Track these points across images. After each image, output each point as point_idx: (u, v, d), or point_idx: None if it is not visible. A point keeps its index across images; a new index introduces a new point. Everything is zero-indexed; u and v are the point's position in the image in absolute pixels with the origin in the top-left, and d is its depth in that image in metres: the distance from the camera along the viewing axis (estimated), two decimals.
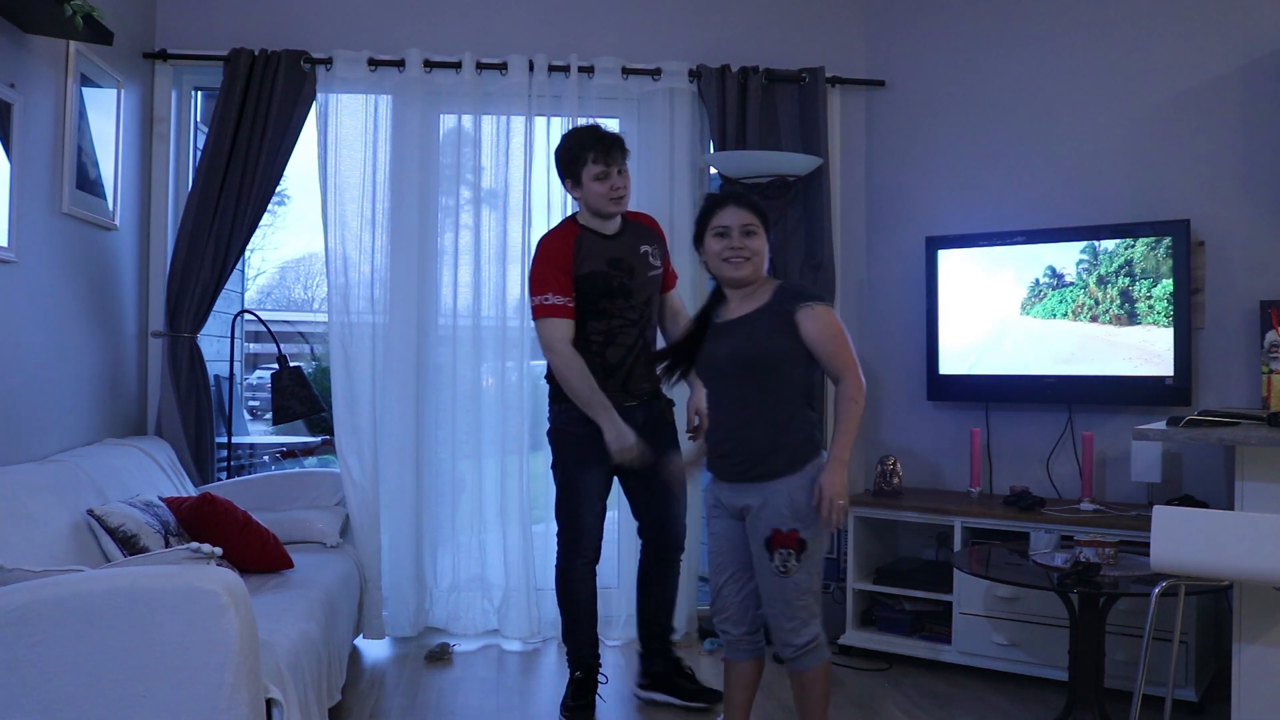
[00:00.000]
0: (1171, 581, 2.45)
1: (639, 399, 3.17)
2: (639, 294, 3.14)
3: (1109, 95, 3.90)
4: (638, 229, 3.22)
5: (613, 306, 3.11)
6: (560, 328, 3.07)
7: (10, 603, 2.02)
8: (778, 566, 2.52)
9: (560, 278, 3.07)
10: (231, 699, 2.04)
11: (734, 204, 2.61)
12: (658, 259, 3.21)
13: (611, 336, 3.12)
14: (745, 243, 2.57)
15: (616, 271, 3.11)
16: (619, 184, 3.10)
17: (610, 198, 3.08)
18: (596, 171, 3.07)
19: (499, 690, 3.54)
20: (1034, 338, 3.92)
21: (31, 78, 3.10)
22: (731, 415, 2.58)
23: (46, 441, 3.21)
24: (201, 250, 3.95)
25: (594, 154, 3.06)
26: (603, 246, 3.12)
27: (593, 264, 3.09)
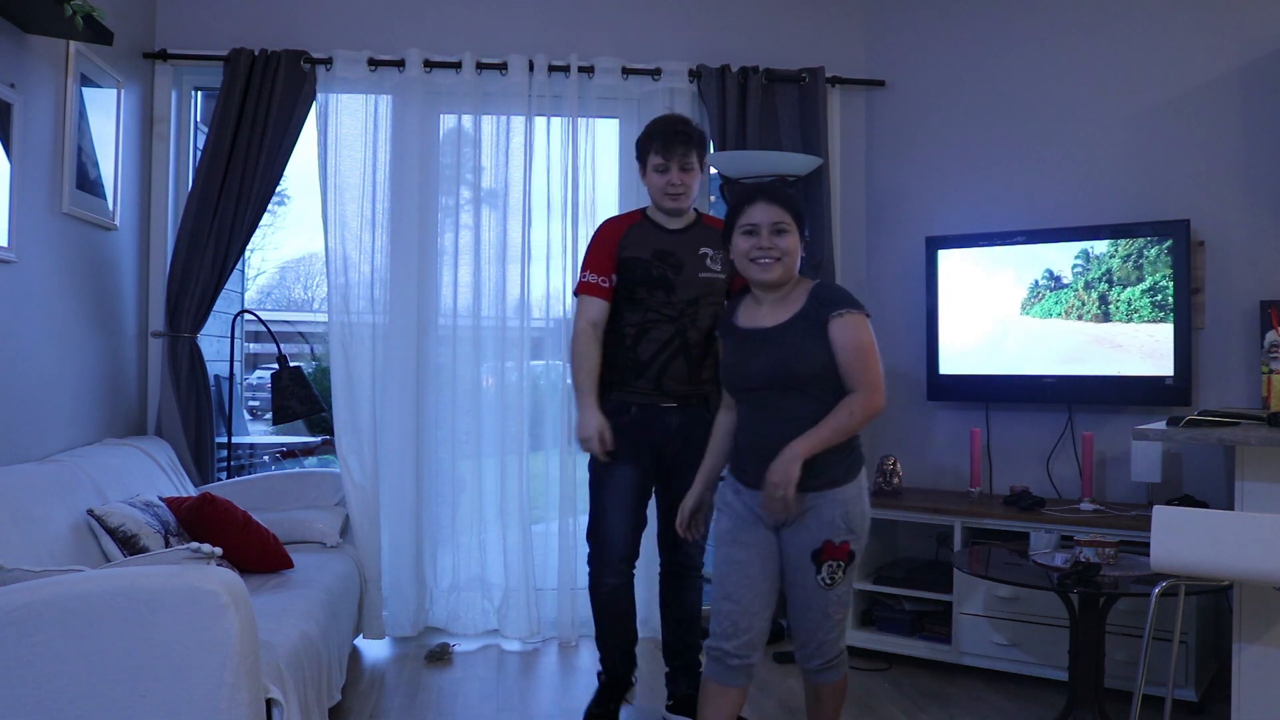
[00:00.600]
0: (1171, 581, 2.44)
1: (678, 400, 2.99)
2: (683, 291, 2.96)
3: (1109, 95, 3.91)
4: (708, 232, 3.02)
5: (650, 298, 2.96)
6: (587, 305, 2.98)
7: (10, 603, 2.02)
8: (824, 579, 2.37)
9: (601, 257, 2.99)
10: (231, 699, 2.03)
11: (764, 199, 2.42)
12: (719, 264, 2.98)
13: (645, 330, 2.97)
14: (775, 242, 2.40)
15: (659, 263, 2.96)
16: (677, 180, 2.94)
17: (666, 192, 2.96)
18: (656, 163, 2.95)
19: (499, 690, 3.54)
20: (1034, 338, 3.92)
21: (31, 78, 3.10)
22: (786, 424, 2.37)
23: (46, 441, 3.21)
24: (201, 250, 3.95)
25: (656, 144, 2.94)
26: (655, 237, 3.00)
27: (637, 250, 2.98)
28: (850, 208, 4.52)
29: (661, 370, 2.97)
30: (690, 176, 2.96)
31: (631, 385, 2.98)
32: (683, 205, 2.98)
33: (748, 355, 2.43)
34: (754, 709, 3.32)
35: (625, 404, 2.98)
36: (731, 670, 2.43)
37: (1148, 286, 3.68)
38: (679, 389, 2.98)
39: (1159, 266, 3.66)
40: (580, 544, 4.16)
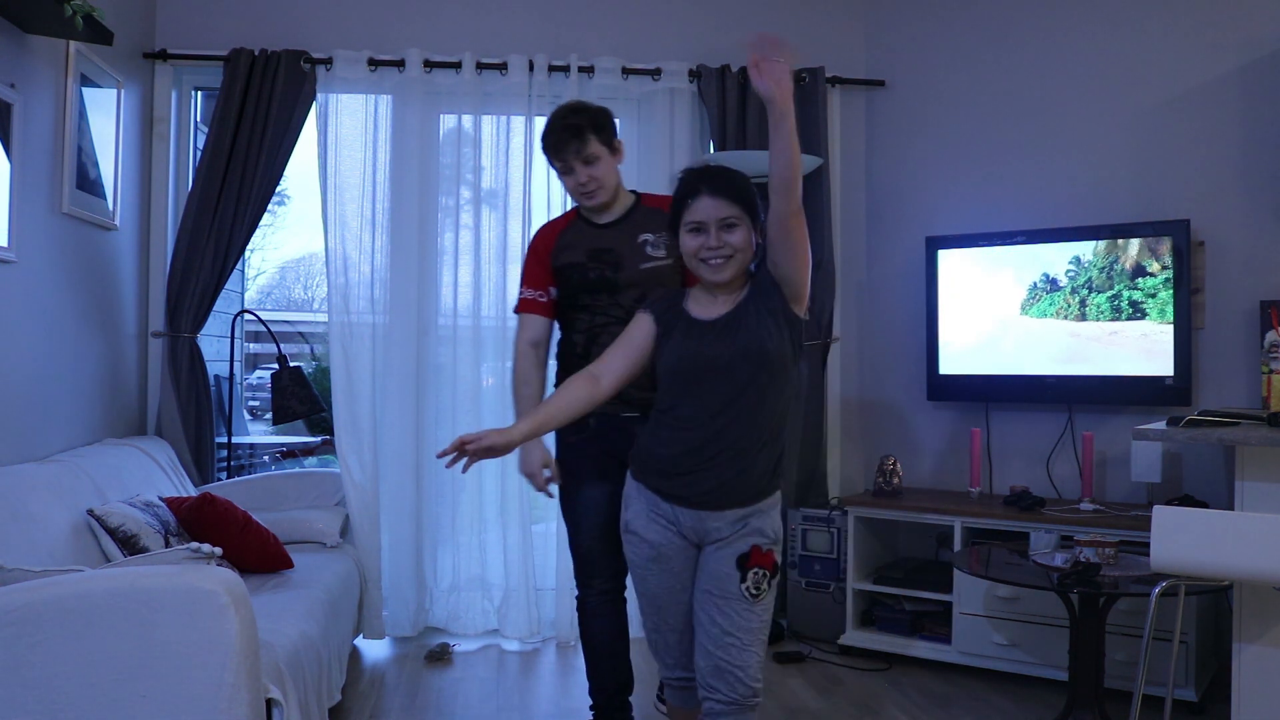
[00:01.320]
0: (1171, 581, 2.44)
1: (640, 408, 2.62)
2: (628, 289, 2.69)
3: (1109, 95, 3.91)
4: (647, 216, 2.75)
5: (595, 302, 2.72)
6: (526, 324, 2.79)
7: (10, 603, 2.02)
8: (749, 588, 2.16)
9: (535, 270, 2.79)
10: (231, 699, 2.03)
11: (709, 192, 2.18)
12: (662, 249, 2.70)
13: (594, 336, 2.72)
14: (724, 239, 2.17)
15: (596, 263, 2.71)
16: (584, 179, 2.68)
17: (580, 193, 2.72)
18: (556, 168, 2.74)
19: (499, 690, 3.54)
20: (1034, 337, 3.92)
21: (31, 78, 3.10)
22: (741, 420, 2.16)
23: (46, 441, 3.21)
24: (201, 250, 3.95)
25: (545, 148, 2.72)
26: (589, 236, 2.75)
27: (571, 254, 2.74)
28: (850, 208, 4.52)
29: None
30: (597, 168, 2.68)
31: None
32: (600, 201, 2.72)
33: (709, 341, 2.19)
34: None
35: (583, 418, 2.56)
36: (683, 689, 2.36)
37: (1147, 286, 3.68)
38: (639, 395, 2.57)
39: (1159, 267, 3.66)
40: None
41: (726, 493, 2.18)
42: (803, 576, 4.14)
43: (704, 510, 2.19)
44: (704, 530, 2.21)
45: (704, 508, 2.19)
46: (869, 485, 4.34)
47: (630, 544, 2.30)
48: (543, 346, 2.79)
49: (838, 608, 4.00)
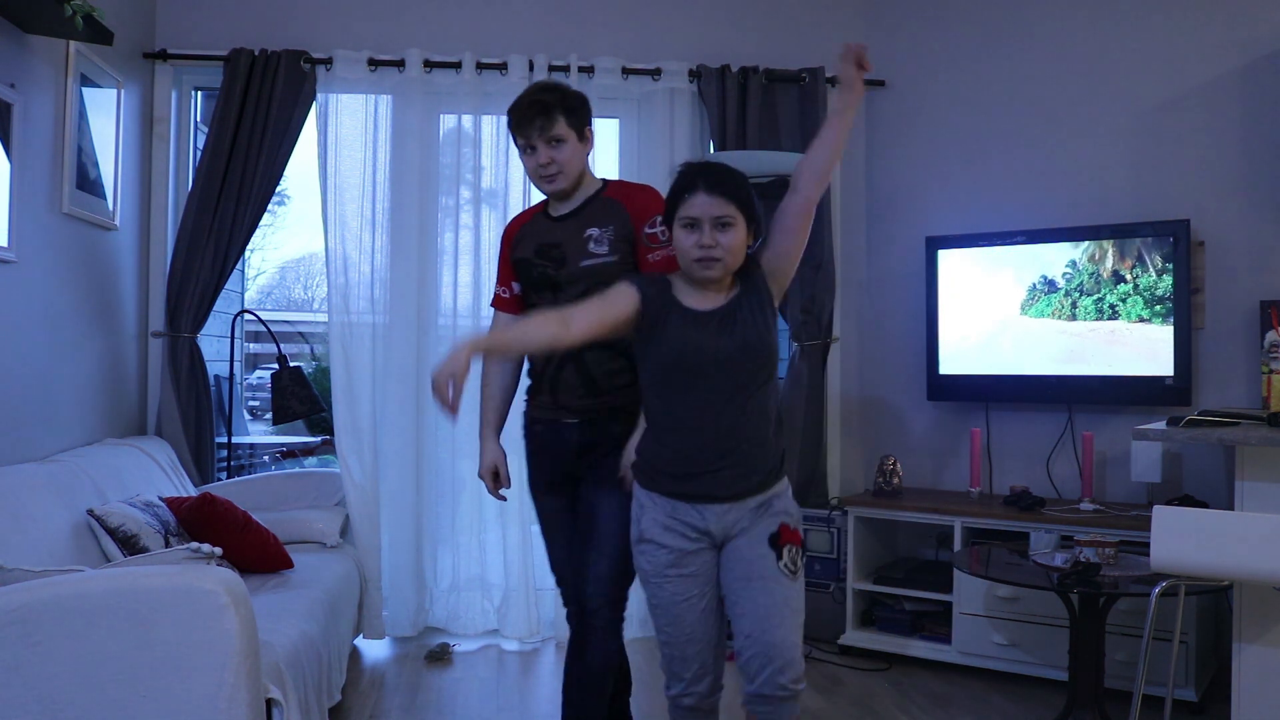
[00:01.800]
0: (1171, 581, 2.45)
1: (578, 415, 2.50)
2: (569, 287, 2.48)
3: (1109, 95, 3.91)
4: (603, 207, 2.54)
5: (540, 301, 2.55)
6: (495, 321, 2.72)
7: (10, 603, 2.02)
8: (787, 565, 2.13)
9: (501, 264, 2.69)
10: (231, 699, 2.03)
11: (705, 190, 2.14)
12: (605, 244, 2.48)
13: None
14: (718, 239, 2.14)
15: (541, 260, 2.54)
16: (545, 159, 2.48)
17: (539, 175, 2.52)
18: (520, 145, 2.55)
19: (499, 690, 3.54)
20: (1034, 337, 3.92)
21: (31, 78, 3.10)
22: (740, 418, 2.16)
23: (46, 441, 3.21)
24: (201, 250, 3.95)
25: (512, 123, 2.55)
26: (542, 230, 2.58)
27: (523, 249, 2.60)
28: (850, 208, 4.52)
29: (553, 382, 2.52)
30: (563, 151, 2.48)
31: (535, 400, 2.61)
32: (559, 187, 2.51)
33: (710, 333, 2.16)
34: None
35: (534, 423, 2.62)
36: (703, 714, 2.23)
37: (1148, 286, 3.68)
38: (576, 403, 2.49)
39: (1159, 267, 3.66)
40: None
41: (747, 483, 2.17)
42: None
43: (727, 504, 2.17)
44: (727, 524, 2.19)
45: (728, 501, 2.17)
46: (869, 485, 4.34)
47: (645, 553, 2.22)
48: None
49: (838, 608, 4.00)
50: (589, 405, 2.49)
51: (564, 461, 2.54)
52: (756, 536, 2.17)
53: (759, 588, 2.13)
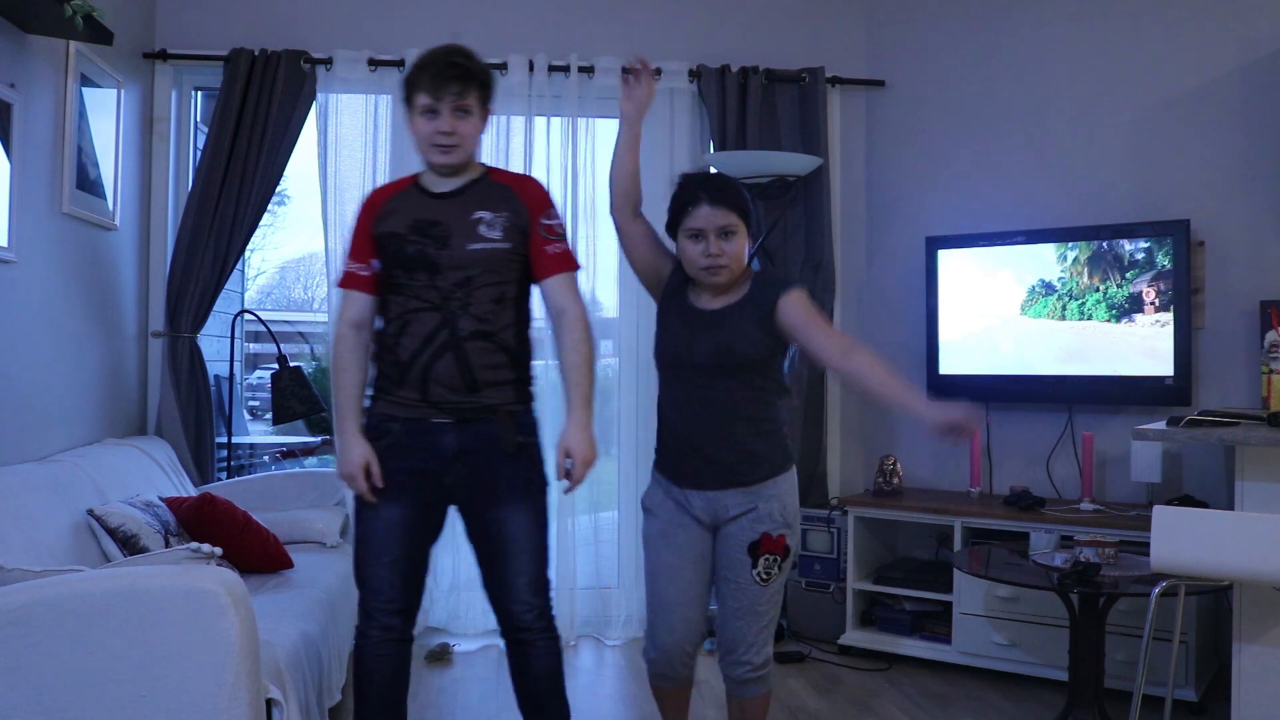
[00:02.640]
0: (1171, 581, 2.45)
1: (453, 414, 2.33)
2: (450, 270, 2.32)
3: (1109, 95, 3.90)
4: (490, 191, 2.40)
5: (411, 282, 2.33)
6: (347, 301, 2.41)
7: (10, 603, 2.02)
8: (759, 574, 2.31)
9: (357, 238, 2.41)
10: (231, 699, 2.03)
11: (709, 202, 2.29)
12: (498, 230, 2.34)
13: (405, 323, 2.33)
14: (723, 247, 2.29)
15: (419, 237, 2.33)
16: (448, 127, 2.30)
17: (434, 143, 2.32)
18: (424, 104, 2.31)
19: (499, 690, 3.54)
20: (1034, 338, 3.92)
21: (31, 78, 3.10)
22: (712, 415, 2.32)
23: (46, 441, 3.21)
24: (201, 250, 3.95)
25: (425, 79, 2.30)
26: (418, 205, 2.38)
27: (393, 222, 2.36)
28: (850, 208, 4.52)
29: (425, 373, 2.31)
30: (467, 123, 2.33)
31: (393, 394, 2.35)
32: (454, 160, 2.35)
33: (692, 334, 2.33)
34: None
35: (387, 420, 2.36)
36: (673, 679, 2.43)
37: (1148, 286, 3.68)
38: (450, 399, 2.31)
39: (1159, 267, 3.66)
40: (579, 544, 4.18)
41: (724, 475, 2.32)
42: (803, 576, 4.14)
43: (709, 491, 2.33)
44: (715, 509, 2.35)
45: (708, 488, 2.33)
46: (869, 485, 4.34)
47: (646, 521, 2.45)
48: (366, 328, 2.40)
49: (838, 608, 4.00)
50: (464, 403, 2.32)
51: (430, 466, 2.34)
52: (739, 540, 2.33)
53: (729, 590, 2.35)
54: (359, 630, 2.43)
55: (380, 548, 2.37)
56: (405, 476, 2.35)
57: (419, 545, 2.42)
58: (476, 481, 2.36)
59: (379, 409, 2.38)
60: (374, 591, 2.39)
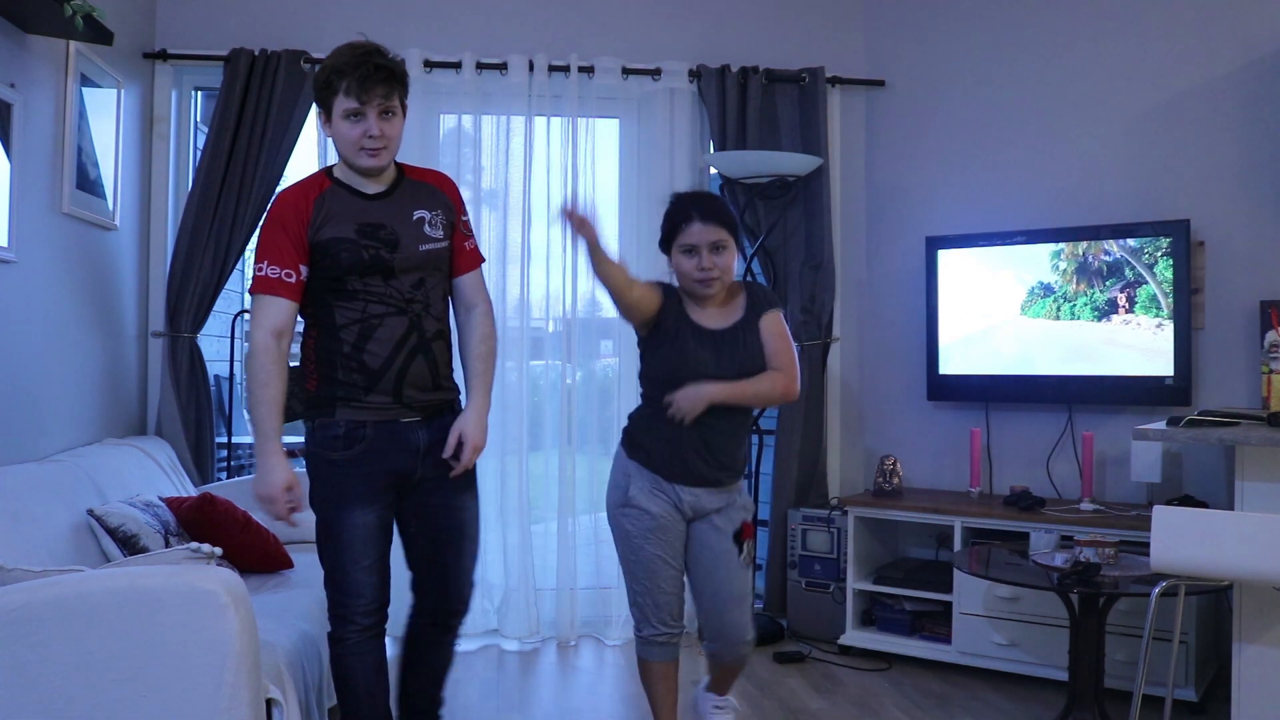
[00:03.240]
0: (1171, 581, 2.44)
1: (422, 412, 2.39)
2: (406, 273, 2.35)
3: (1109, 95, 3.90)
4: (417, 190, 2.42)
5: (367, 288, 2.32)
6: (268, 309, 2.29)
7: (10, 603, 2.01)
8: (746, 558, 2.61)
9: (282, 242, 2.29)
10: (231, 699, 2.03)
11: (700, 219, 2.47)
12: (439, 228, 2.40)
13: (368, 329, 2.33)
14: (715, 261, 2.48)
15: (370, 241, 2.32)
16: (377, 131, 2.28)
17: (363, 147, 2.30)
18: (348, 108, 2.27)
19: (499, 690, 3.54)
20: (1034, 338, 3.92)
21: (31, 78, 3.10)
22: (727, 424, 2.53)
23: (46, 441, 3.21)
24: (201, 250, 3.95)
25: (348, 82, 2.25)
26: (355, 208, 2.34)
27: (337, 227, 2.31)
28: (850, 208, 4.52)
29: (399, 377, 2.34)
30: (393, 124, 2.32)
31: (361, 401, 2.34)
32: (383, 163, 2.34)
33: (712, 353, 2.51)
34: (754, 708, 3.33)
35: (358, 427, 2.34)
36: (673, 648, 2.65)
37: (1148, 286, 3.68)
38: (420, 398, 2.38)
39: (1158, 267, 3.66)
40: (580, 544, 4.17)
41: (717, 475, 2.56)
42: (803, 576, 4.14)
43: (700, 488, 2.55)
44: (700, 505, 2.58)
45: (700, 486, 2.55)
46: (869, 485, 4.34)
47: (630, 516, 2.57)
48: (287, 337, 2.33)
49: (838, 608, 4.00)
50: (431, 401, 2.40)
51: (404, 465, 2.38)
52: (723, 530, 2.59)
53: (723, 578, 2.59)
54: (335, 637, 2.45)
55: (360, 552, 2.38)
56: (383, 477, 2.37)
57: (389, 544, 2.46)
58: (441, 476, 2.42)
59: (345, 416, 2.35)
60: (354, 595, 2.40)
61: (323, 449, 2.37)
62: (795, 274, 4.31)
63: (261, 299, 2.30)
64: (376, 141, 2.30)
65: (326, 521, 2.39)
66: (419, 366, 2.36)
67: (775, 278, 4.32)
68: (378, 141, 2.30)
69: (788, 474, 4.28)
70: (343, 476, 2.34)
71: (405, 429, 2.37)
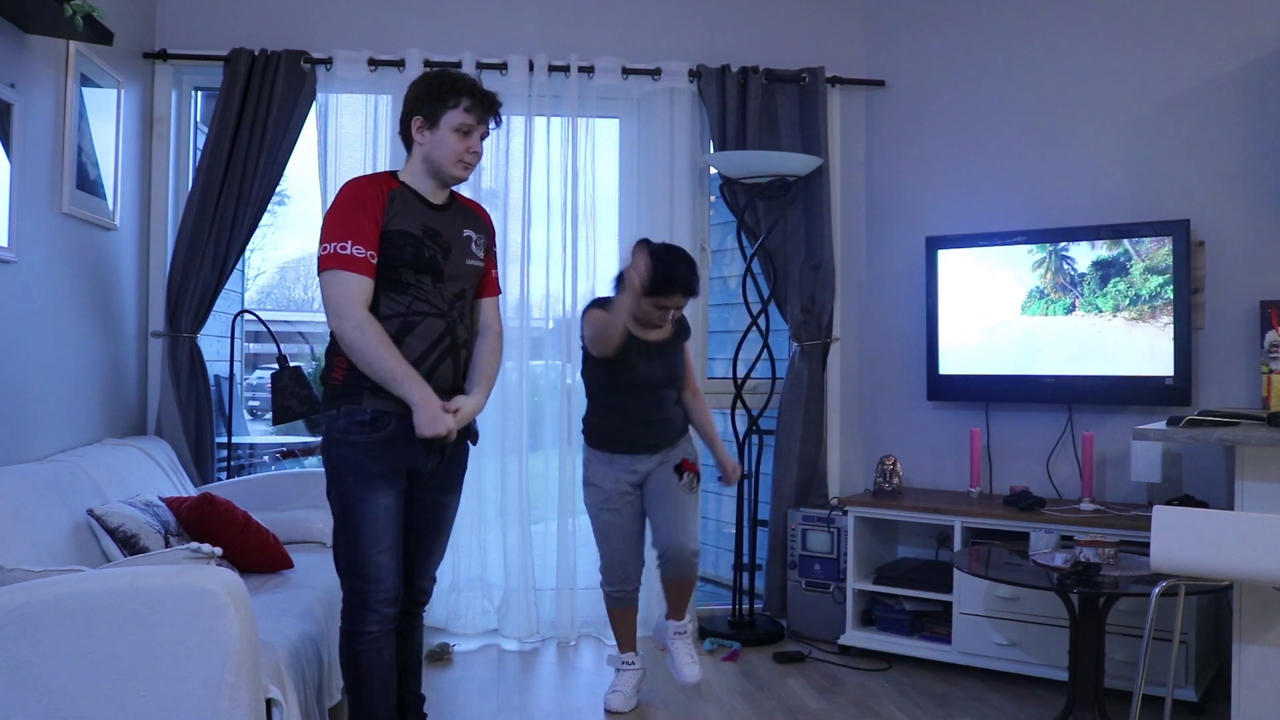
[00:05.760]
0: (1171, 581, 2.45)
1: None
2: (452, 281, 2.52)
3: (1109, 95, 3.90)
4: (466, 212, 2.64)
5: (418, 283, 2.46)
6: (355, 286, 2.37)
7: (10, 603, 2.01)
8: (686, 485, 3.26)
9: (368, 225, 2.40)
10: (231, 699, 2.03)
11: (682, 294, 3.15)
12: (481, 251, 2.62)
13: (410, 325, 2.45)
14: (671, 316, 3.24)
15: (430, 243, 2.47)
16: (479, 149, 2.53)
17: (463, 160, 2.50)
18: (462, 123, 2.47)
19: (499, 690, 3.54)
20: (1034, 337, 3.92)
21: (31, 78, 3.10)
22: (659, 408, 3.29)
23: (46, 441, 3.21)
24: (201, 250, 3.95)
25: (470, 101, 2.47)
26: (421, 211, 2.50)
27: (405, 222, 2.45)
28: (850, 208, 4.52)
29: (429, 375, 2.45)
30: (482, 147, 2.57)
31: (384, 393, 2.43)
32: (467, 178, 2.59)
33: (649, 364, 3.23)
34: (754, 708, 3.33)
35: (384, 415, 2.43)
36: (628, 600, 3.34)
37: (1147, 287, 3.68)
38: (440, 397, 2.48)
39: (1158, 267, 3.66)
40: (580, 543, 4.17)
41: (658, 442, 3.29)
42: (803, 576, 4.14)
43: (646, 455, 3.27)
44: (648, 467, 3.28)
45: (647, 453, 3.28)
46: (869, 485, 4.34)
47: (590, 493, 3.33)
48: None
49: (838, 608, 4.00)
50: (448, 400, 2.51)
51: (417, 459, 2.52)
52: (667, 467, 3.28)
53: (669, 499, 3.25)
54: (353, 631, 2.51)
55: (381, 534, 2.47)
56: (401, 465, 2.50)
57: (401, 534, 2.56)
58: (443, 472, 2.61)
59: (372, 404, 2.44)
60: (376, 582, 2.47)
61: (348, 434, 2.45)
62: (795, 274, 4.31)
63: (347, 276, 2.37)
64: (475, 159, 2.54)
65: (348, 506, 2.46)
66: (447, 368, 2.51)
67: (775, 278, 4.32)
68: (476, 159, 2.54)
69: (788, 474, 4.28)
70: (368, 458, 2.43)
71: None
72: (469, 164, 2.53)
